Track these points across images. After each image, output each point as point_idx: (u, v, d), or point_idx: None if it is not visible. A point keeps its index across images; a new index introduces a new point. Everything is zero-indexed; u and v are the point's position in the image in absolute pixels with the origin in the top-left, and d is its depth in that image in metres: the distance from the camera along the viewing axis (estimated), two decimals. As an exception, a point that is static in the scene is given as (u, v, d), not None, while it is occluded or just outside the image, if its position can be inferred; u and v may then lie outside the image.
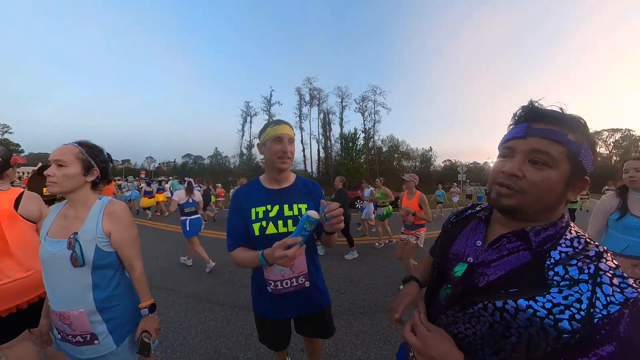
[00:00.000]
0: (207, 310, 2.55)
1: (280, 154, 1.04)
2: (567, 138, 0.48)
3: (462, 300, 0.56)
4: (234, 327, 2.27)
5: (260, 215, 1.06)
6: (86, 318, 0.93)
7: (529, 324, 0.45)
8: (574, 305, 0.43)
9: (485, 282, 0.54)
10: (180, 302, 2.72)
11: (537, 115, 0.52)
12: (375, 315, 2.51)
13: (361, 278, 3.40)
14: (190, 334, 2.18)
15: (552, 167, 0.48)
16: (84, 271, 0.94)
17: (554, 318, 0.44)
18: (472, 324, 0.53)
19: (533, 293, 0.46)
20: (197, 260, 4.04)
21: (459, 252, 0.64)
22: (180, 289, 3.05)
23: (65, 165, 0.93)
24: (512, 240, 0.54)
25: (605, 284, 0.44)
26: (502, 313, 0.48)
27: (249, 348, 2.00)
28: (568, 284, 0.45)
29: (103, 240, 0.98)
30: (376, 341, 2.10)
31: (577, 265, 0.46)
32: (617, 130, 43.03)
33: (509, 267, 0.52)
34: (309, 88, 34.93)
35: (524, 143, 0.51)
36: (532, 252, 0.51)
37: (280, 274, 1.05)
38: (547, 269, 0.48)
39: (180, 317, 2.41)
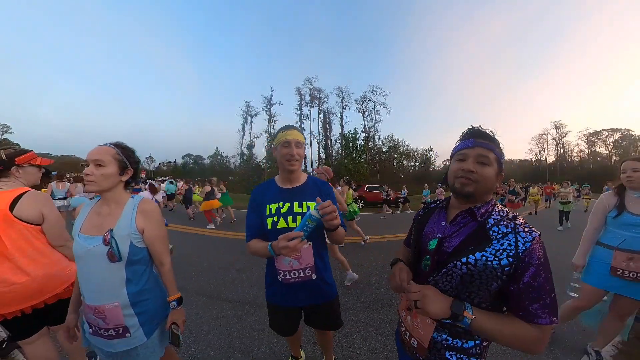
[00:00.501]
0: (217, 308, 2.60)
1: (288, 157, 1.17)
2: (495, 149, 0.76)
3: (438, 265, 0.77)
4: (245, 323, 2.32)
5: (273, 211, 1.18)
6: (120, 311, 0.97)
7: (484, 267, 0.69)
8: (507, 248, 0.68)
9: (452, 247, 0.76)
10: (190, 300, 2.76)
11: (479, 134, 0.80)
12: (381, 309, 2.59)
13: (366, 275, 3.46)
14: (203, 330, 2.22)
15: (490, 165, 0.75)
16: (119, 266, 0.98)
17: (498, 259, 0.68)
18: (448, 280, 0.75)
19: (483, 247, 0.70)
20: (206, 259, 4.09)
21: (430, 232, 0.86)
22: (189, 286, 3.09)
23: (104, 165, 0.98)
24: (465, 216, 0.79)
25: (521, 231, 0.70)
26: (467, 266, 0.70)
27: (263, 342, 2.05)
28: (502, 236, 0.70)
29: (137, 237, 1.02)
30: (384, 333, 2.18)
31: (504, 224, 0.72)
32: (617, 130, 43.12)
33: (465, 234, 0.76)
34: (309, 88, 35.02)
35: (473, 151, 0.77)
36: (477, 222, 0.76)
37: (289, 264, 1.13)
38: (489, 229, 0.73)
39: (191, 315, 2.45)
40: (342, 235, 1.18)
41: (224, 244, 5.12)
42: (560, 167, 42.26)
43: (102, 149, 1.00)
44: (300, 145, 1.20)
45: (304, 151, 1.24)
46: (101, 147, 1.01)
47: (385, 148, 39.25)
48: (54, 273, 1.29)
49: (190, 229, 6.54)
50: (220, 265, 3.85)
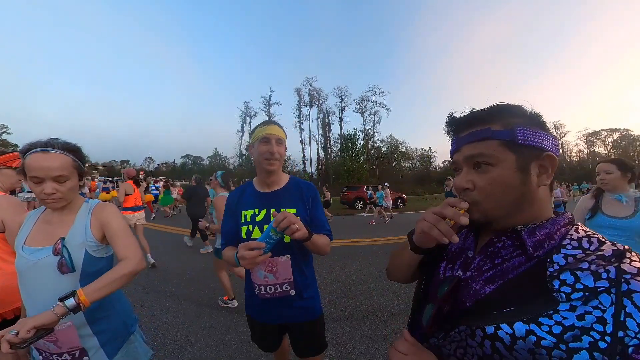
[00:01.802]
0: (206, 316, 2.48)
1: (267, 155, 1.02)
2: (491, 131, 0.45)
3: (446, 323, 0.47)
4: (234, 334, 2.20)
5: (247, 219, 1.06)
6: (75, 332, 0.85)
7: (531, 356, 0.34)
8: (594, 327, 0.32)
9: (473, 299, 0.44)
10: (178, 307, 2.65)
11: (459, 125, 0.51)
12: (379, 319, 2.45)
13: (364, 281, 3.34)
14: (190, 341, 2.10)
15: (493, 164, 0.44)
16: (72, 280, 0.87)
17: (567, 348, 0.32)
18: (457, 356, 0.44)
19: (534, 312, 0.36)
20: (195, 265, 3.97)
21: (448, 265, 0.55)
22: (179, 293, 2.97)
23: (68, 178, 0.87)
24: (505, 243, 0.46)
25: (636, 292, 0.32)
26: (493, 342, 0.38)
27: (250, 356, 1.93)
28: (582, 296, 0.34)
29: (93, 245, 0.91)
30: (381, 347, 2.05)
31: (591, 270, 0.35)
32: (616, 130, 43.25)
33: (502, 279, 0.42)
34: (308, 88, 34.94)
35: (460, 154, 0.49)
36: (528, 257, 0.42)
37: (264, 278, 1.00)
38: (551, 277, 0.37)
39: (179, 324, 2.33)
40: (322, 245, 1.02)
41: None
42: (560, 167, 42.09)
43: (55, 158, 0.84)
44: (281, 143, 1.06)
45: (285, 150, 1.10)
46: (51, 156, 0.84)
47: (384, 148, 39.21)
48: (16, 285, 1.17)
49: (185, 230, 6.41)
50: (211, 271, 3.72)
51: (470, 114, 0.49)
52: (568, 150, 45.63)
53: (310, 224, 1.05)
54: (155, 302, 2.72)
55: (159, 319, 2.40)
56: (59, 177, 0.84)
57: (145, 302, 2.72)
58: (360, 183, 20.05)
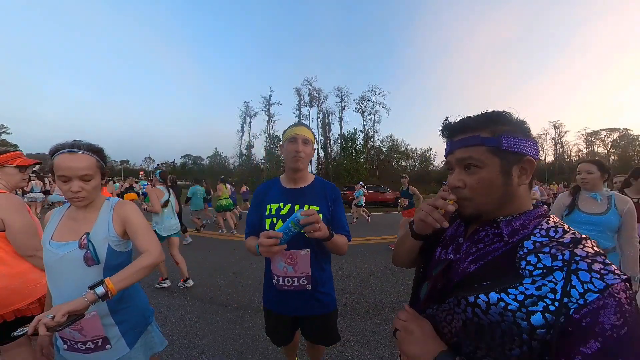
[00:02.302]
0: (212, 312, 2.54)
1: (293, 154, 1.10)
2: (480, 137, 0.52)
3: (437, 296, 0.57)
4: (240, 329, 2.26)
5: (272, 212, 1.13)
6: (99, 321, 0.92)
7: (501, 318, 0.44)
8: (548, 296, 0.41)
9: (461, 276, 0.54)
10: (184, 304, 2.71)
11: (452, 130, 0.57)
12: (381, 314, 2.52)
13: (365, 279, 3.40)
14: (197, 336, 2.16)
15: (481, 167, 0.52)
16: (96, 272, 0.92)
17: (526, 311, 0.42)
18: (447, 321, 0.54)
19: (505, 285, 0.45)
20: (199, 263, 4.03)
21: (442, 250, 0.65)
22: (184, 291, 3.04)
23: (92, 178, 0.93)
24: (487, 232, 0.55)
25: (582, 270, 0.41)
26: (473, 308, 0.47)
27: (257, 349, 2.00)
28: (541, 272, 0.43)
29: (116, 240, 0.97)
30: (383, 340, 2.12)
31: (550, 253, 0.44)
32: (615, 130, 43.30)
33: (483, 260, 0.52)
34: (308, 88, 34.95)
35: (453, 157, 0.57)
36: (504, 243, 0.50)
37: (283, 270, 1.07)
38: (520, 258, 0.46)
39: (185, 320, 2.40)
40: (340, 245, 1.08)
41: (222, 246, 5.07)
42: (559, 167, 42.33)
43: (81, 159, 0.91)
44: (308, 143, 1.13)
45: (312, 150, 1.17)
46: (78, 157, 0.91)
47: (384, 148, 39.23)
48: (16, 286, 1.18)
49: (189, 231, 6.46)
50: (216, 267, 3.80)
51: (463, 121, 0.56)
52: (568, 150, 45.63)
53: (331, 224, 1.11)
54: (161, 300, 2.78)
55: (166, 316, 2.46)
56: (84, 176, 0.91)
57: (151, 300, 2.73)
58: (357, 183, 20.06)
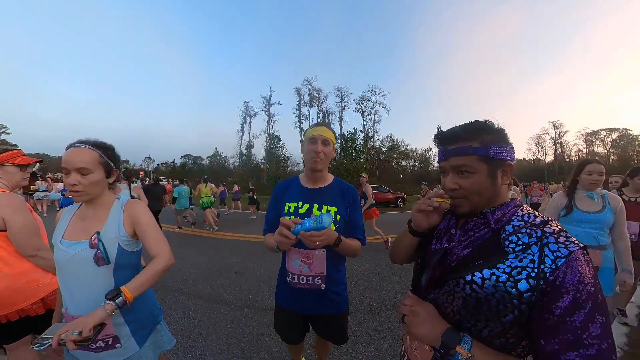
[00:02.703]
0: (216, 311, 2.55)
1: (312, 154, 1.11)
2: (472, 148, 0.60)
3: (438, 281, 0.64)
4: (244, 328, 2.27)
5: (291, 210, 1.14)
6: (110, 320, 0.91)
7: (495, 290, 0.53)
8: (529, 265, 0.51)
9: (456, 260, 0.62)
10: (188, 303, 2.71)
11: (446, 139, 0.65)
12: (383, 312, 2.54)
13: (367, 277, 3.41)
14: (201, 335, 2.17)
15: (473, 172, 0.61)
16: (106, 272, 0.92)
17: (514, 280, 0.51)
18: (449, 301, 0.61)
19: (494, 262, 0.55)
20: (202, 263, 4.04)
21: (437, 242, 0.72)
22: (187, 290, 3.04)
23: (91, 172, 0.91)
24: (476, 222, 0.64)
25: (551, 242, 0.52)
26: (471, 285, 0.56)
27: (262, 348, 2.00)
28: (521, 248, 0.53)
29: (126, 239, 0.97)
30: (386, 337, 2.14)
31: (527, 232, 0.55)
32: (615, 130, 43.36)
33: (474, 245, 0.61)
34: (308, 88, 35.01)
35: (447, 163, 0.64)
36: (490, 229, 0.60)
37: (299, 268, 1.08)
38: (504, 239, 0.57)
39: (189, 319, 2.40)
40: (352, 249, 1.10)
41: (223, 246, 5.07)
42: (559, 167, 42.41)
43: (82, 152, 0.90)
44: (327, 143, 1.13)
45: (332, 150, 1.17)
46: (80, 150, 0.90)
47: (384, 148, 39.31)
48: (19, 286, 1.17)
49: (189, 230, 6.48)
50: (219, 267, 3.80)
51: (455, 132, 0.64)
52: (567, 149, 45.76)
53: (348, 226, 1.13)
54: (164, 299, 2.77)
55: (169, 315, 2.46)
56: (81, 170, 0.89)
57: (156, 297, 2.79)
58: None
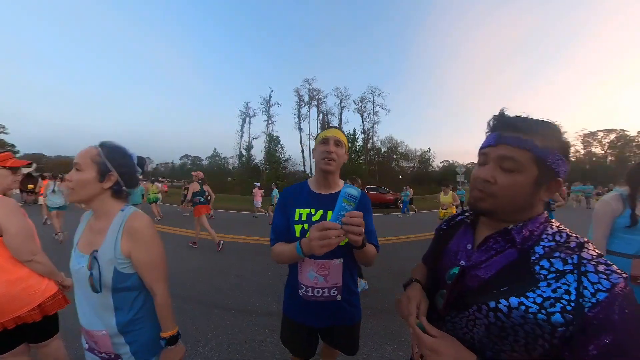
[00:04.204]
0: (216, 317, 2.47)
1: (324, 155, 1.04)
2: (533, 144, 0.51)
3: (456, 304, 0.58)
4: (245, 334, 2.19)
5: (303, 218, 1.05)
6: (109, 340, 0.87)
7: (523, 321, 0.47)
8: (564, 297, 0.45)
9: (477, 283, 0.55)
10: (186, 307, 2.62)
11: (507, 124, 0.56)
12: (387, 316, 2.49)
13: (370, 280, 3.34)
14: (200, 342, 2.09)
15: (519, 171, 0.52)
16: (104, 293, 0.86)
17: (546, 312, 0.45)
18: (469, 327, 0.55)
19: (523, 289, 0.48)
20: (200, 266, 3.96)
21: (451, 257, 0.66)
22: (186, 294, 2.95)
23: (81, 169, 0.84)
24: (497, 240, 0.57)
25: (590, 272, 0.45)
26: (495, 313, 0.50)
27: (264, 355, 1.93)
28: (555, 276, 0.47)
29: (122, 262, 0.87)
30: (390, 342, 2.09)
31: (561, 257, 0.48)
32: (612, 131, 43.60)
33: (498, 267, 0.54)
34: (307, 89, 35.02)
35: (494, 150, 0.55)
36: (517, 250, 0.53)
37: (314, 280, 1.00)
38: (533, 263, 0.50)
39: (188, 325, 2.32)
40: (370, 255, 0.98)
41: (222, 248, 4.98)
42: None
43: (84, 150, 0.87)
44: (340, 145, 1.07)
45: (344, 154, 1.10)
46: (86, 148, 0.88)
47: (384, 149, 39.35)
48: (15, 293, 1.13)
49: (186, 231, 6.39)
50: (218, 270, 3.72)
51: (520, 119, 0.55)
52: (565, 150, 45.92)
53: None
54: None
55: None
56: (75, 165, 0.85)
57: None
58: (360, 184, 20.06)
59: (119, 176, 0.89)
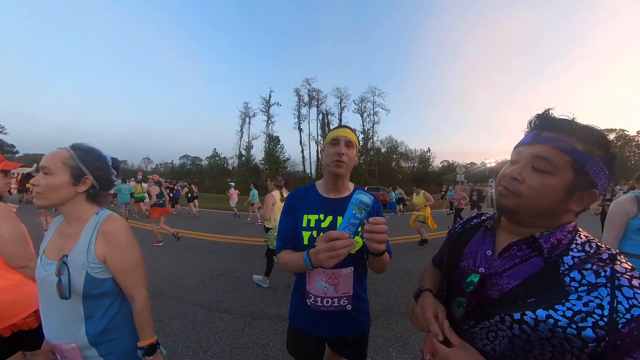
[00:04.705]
0: (218, 320, 2.43)
1: (334, 157, 0.96)
2: (573, 147, 0.49)
3: (477, 313, 0.55)
4: (248, 338, 2.16)
5: (311, 224, 0.98)
6: (79, 354, 0.81)
7: (551, 335, 0.44)
8: (596, 311, 0.42)
9: (499, 293, 0.53)
10: (187, 311, 2.59)
11: (548, 124, 0.53)
12: (390, 318, 2.46)
13: (372, 283, 3.30)
14: (202, 347, 2.05)
15: (551, 173, 0.49)
16: (74, 301, 0.81)
17: (577, 327, 0.43)
18: (490, 339, 0.52)
19: (551, 301, 0.45)
20: (200, 268, 3.92)
21: (469, 263, 0.63)
22: (186, 297, 2.92)
23: (51, 173, 0.80)
24: (522, 247, 0.54)
25: (624, 286, 0.43)
26: (521, 325, 0.47)
27: (267, 359, 1.90)
28: (586, 289, 0.44)
29: (96, 266, 0.82)
30: (394, 345, 2.07)
31: (593, 269, 0.46)
32: (612, 131, 43.65)
33: (523, 276, 0.51)
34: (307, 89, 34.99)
35: (529, 149, 0.53)
36: (544, 259, 0.51)
37: (323, 290, 0.95)
38: (563, 274, 0.47)
39: (189, 329, 2.28)
40: (385, 263, 0.93)
41: (223, 249, 4.95)
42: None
43: (53, 152, 0.83)
44: (351, 146, 1.00)
45: (355, 155, 1.03)
46: (54, 151, 0.83)
47: (384, 149, 39.36)
48: (10, 300, 1.10)
49: (187, 232, 6.35)
50: (219, 272, 3.68)
51: (563, 121, 0.52)
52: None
53: None
54: (161, 308, 2.65)
55: (167, 325, 2.34)
56: (44, 168, 0.81)
57: (151, 307, 2.67)
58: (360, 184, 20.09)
59: (94, 179, 0.87)
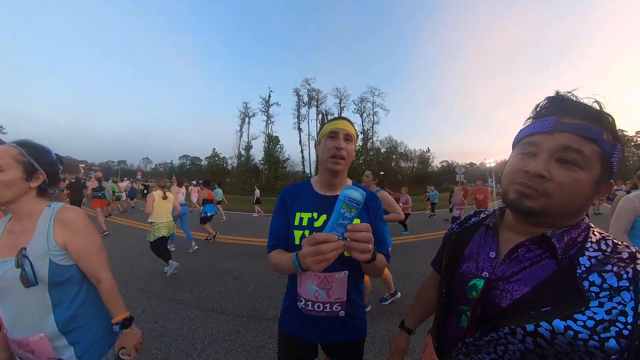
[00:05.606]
0: (213, 321, 2.39)
1: (332, 152, 0.90)
2: (602, 137, 0.44)
3: (483, 324, 0.49)
4: (244, 339, 2.11)
5: (304, 223, 0.92)
6: (48, 343, 0.82)
7: (570, 349, 0.39)
8: (619, 319, 0.37)
9: (509, 300, 0.47)
10: (182, 312, 2.54)
11: (568, 109, 0.46)
12: (390, 320, 2.42)
13: (374, 282, 3.26)
14: (196, 349, 2.01)
15: (583, 168, 0.44)
16: (40, 291, 0.82)
17: (599, 338, 0.37)
18: (499, 353, 0.46)
19: (570, 310, 0.40)
20: (196, 268, 3.87)
21: (471, 266, 0.58)
22: (182, 297, 2.87)
23: (2, 170, 0.79)
24: (531, 248, 0.49)
25: None
26: (535, 338, 0.41)
27: (263, 363, 1.86)
28: (608, 294, 0.39)
29: (58, 254, 0.85)
30: None
31: (614, 271, 0.40)
32: (611, 131, 43.83)
33: (535, 281, 0.46)
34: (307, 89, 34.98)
35: (551, 139, 0.46)
36: (557, 261, 0.45)
37: (314, 294, 0.89)
38: (580, 278, 0.42)
39: (184, 330, 2.24)
40: (380, 267, 0.87)
41: (220, 250, 4.90)
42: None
43: (1, 149, 0.81)
44: (350, 139, 0.93)
45: (354, 150, 0.96)
46: (3, 147, 0.82)
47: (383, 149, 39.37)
48: None
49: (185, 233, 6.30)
50: (216, 273, 3.63)
51: (588, 106, 0.46)
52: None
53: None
54: (157, 308, 2.61)
55: (162, 326, 2.30)
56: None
57: (146, 309, 2.61)
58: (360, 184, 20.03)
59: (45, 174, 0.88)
